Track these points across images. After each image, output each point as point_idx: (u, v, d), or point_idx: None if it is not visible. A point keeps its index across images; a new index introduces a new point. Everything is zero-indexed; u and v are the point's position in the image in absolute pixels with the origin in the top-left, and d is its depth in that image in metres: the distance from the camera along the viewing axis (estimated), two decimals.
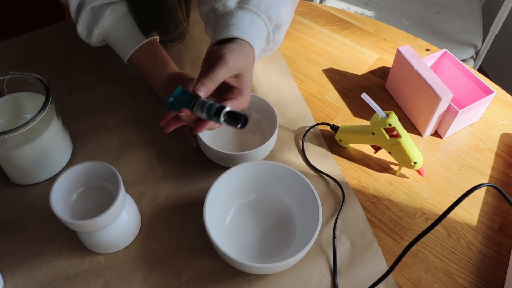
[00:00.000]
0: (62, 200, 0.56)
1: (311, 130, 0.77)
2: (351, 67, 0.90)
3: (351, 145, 0.75)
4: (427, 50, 0.94)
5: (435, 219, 0.49)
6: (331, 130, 0.76)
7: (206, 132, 0.71)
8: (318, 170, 0.71)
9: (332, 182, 0.70)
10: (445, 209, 0.50)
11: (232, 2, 0.62)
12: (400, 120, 0.68)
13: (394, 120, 0.65)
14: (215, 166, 0.69)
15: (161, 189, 0.68)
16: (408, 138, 0.67)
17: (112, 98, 0.81)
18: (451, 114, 0.72)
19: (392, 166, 0.73)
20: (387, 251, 0.63)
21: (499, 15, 1.35)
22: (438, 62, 0.83)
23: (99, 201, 0.59)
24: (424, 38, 1.00)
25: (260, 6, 0.62)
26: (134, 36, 0.75)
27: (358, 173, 0.72)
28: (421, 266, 0.62)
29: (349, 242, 0.63)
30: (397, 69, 0.81)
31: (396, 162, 0.73)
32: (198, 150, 0.72)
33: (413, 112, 0.79)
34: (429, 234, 0.64)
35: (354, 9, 1.55)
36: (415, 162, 0.67)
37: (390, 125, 0.65)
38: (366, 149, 0.75)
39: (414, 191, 0.70)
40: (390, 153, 0.69)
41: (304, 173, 0.70)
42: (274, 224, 0.64)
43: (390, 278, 0.60)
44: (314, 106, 0.82)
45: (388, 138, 0.67)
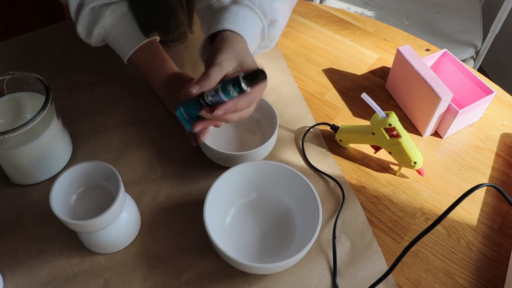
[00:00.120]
0: (62, 200, 0.56)
1: (311, 130, 0.77)
2: (351, 67, 0.90)
3: (351, 145, 0.75)
4: (427, 50, 0.94)
5: (435, 219, 0.49)
6: (331, 130, 0.76)
7: None
8: (318, 170, 0.71)
9: (332, 182, 0.70)
10: (445, 209, 0.50)
11: None
12: (400, 120, 0.68)
13: (394, 120, 0.65)
14: (215, 166, 0.69)
15: (161, 189, 0.68)
16: (408, 138, 0.67)
17: (112, 98, 0.81)
18: (451, 114, 0.72)
19: (392, 166, 0.73)
20: (387, 251, 0.63)
21: (499, 15, 1.35)
22: (438, 62, 0.83)
23: (99, 201, 0.59)
24: (424, 38, 1.00)
25: (254, 1, 0.62)
26: (134, 36, 0.75)
27: (358, 173, 0.72)
28: (421, 266, 0.62)
29: (349, 242, 0.63)
30: (397, 69, 0.81)
31: (396, 162, 0.73)
32: (198, 150, 0.72)
33: (413, 112, 0.79)
34: (429, 234, 0.64)
35: (354, 9, 1.55)
36: (415, 162, 0.67)
37: (390, 125, 0.65)
38: (366, 149, 0.75)
39: (414, 191, 0.70)
40: (390, 153, 0.69)
41: (304, 173, 0.70)
42: (274, 224, 0.64)
43: (390, 278, 0.60)
44: (314, 106, 0.82)
45: (388, 138, 0.67)
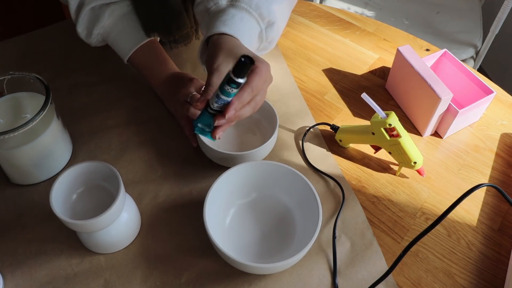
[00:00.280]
0: (62, 200, 0.56)
1: (311, 130, 0.77)
2: (351, 67, 0.90)
3: (351, 145, 0.75)
4: (427, 50, 0.94)
5: (435, 219, 0.49)
6: (331, 130, 0.76)
7: None
8: (318, 170, 0.71)
9: (332, 182, 0.70)
10: (445, 209, 0.50)
11: (224, 0, 0.63)
12: (400, 120, 0.67)
13: (394, 120, 0.65)
14: (215, 166, 0.69)
15: (161, 189, 0.68)
16: (408, 138, 0.67)
17: (112, 98, 0.81)
18: (451, 114, 0.72)
19: (392, 166, 0.73)
20: (387, 251, 0.63)
21: (499, 15, 1.35)
22: (438, 62, 0.83)
23: (99, 201, 0.59)
24: (424, 38, 1.00)
25: (251, 3, 0.62)
26: (134, 36, 0.75)
27: (358, 173, 0.72)
28: (421, 266, 0.62)
29: (349, 242, 0.63)
30: (397, 69, 0.81)
31: (396, 162, 0.73)
32: (198, 150, 0.72)
33: (413, 112, 0.79)
34: (429, 234, 0.64)
35: (354, 9, 1.55)
36: (415, 162, 0.67)
37: (390, 125, 0.65)
38: (366, 149, 0.75)
39: (414, 191, 0.70)
40: (390, 153, 0.69)
41: (304, 173, 0.70)
42: (274, 224, 0.64)
43: (390, 278, 0.60)
44: (314, 106, 0.82)
45: (388, 138, 0.67)
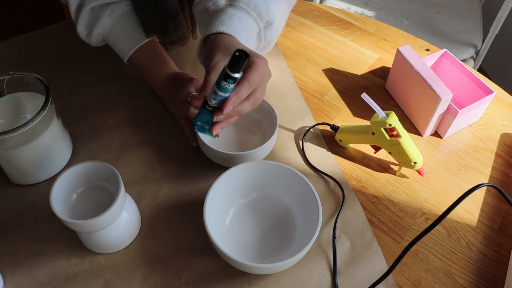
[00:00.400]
0: (62, 200, 0.56)
1: (311, 130, 0.77)
2: (351, 67, 0.90)
3: (351, 145, 0.75)
4: (427, 50, 0.94)
5: (435, 219, 0.49)
6: (331, 130, 0.76)
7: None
8: (318, 170, 0.71)
9: (332, 182, 0.70)
10: (445, 209, 0.50)
11: (222, 0, 0.63)
12: (400, 120, 0.68)
13: (394, 120, 0.65)
14: (215, 166, 0.69)
15: (161, 189, 0.68)
16: (408, 138, 0.67)
17: (112, 98, 0.81)
18: (451, 114, 0.72)
19: (392, 166, 0.73)
20: (387, 251, 0.63)
21: (499, 15, 1.35)
22: (438, 62, 0.83)
23: (99, 201, 0.59)
24: (424, 38, 1.00)
25: (250, 3, 0.62)
26: (134, 36, 0.75)
27: (358, 173, 0.72)
28: (421, 266, 0.62)
29: (349, 242, 0.63)
30: (397, 69, 0.81)
31: (396, 162, 0.73)
32: (198, 150, 0.72)
33: (413, 112, 0.79)
34: (429, 234, 0.64)
35: (354, 9, 1.55)
36: (415, 162, 0.67)
37: (390, 125, 0.65)
38: (366, 149, 0.75)
39: (414, 191, 0.70)
40: (390, 153, 0.69)
41: (304, 173, 0.70)
42: (274, 224, 0.64)
43: (390, 278, 0.60)
44: (314, 106, 0.82)
45: (388, 138, 0.67)
